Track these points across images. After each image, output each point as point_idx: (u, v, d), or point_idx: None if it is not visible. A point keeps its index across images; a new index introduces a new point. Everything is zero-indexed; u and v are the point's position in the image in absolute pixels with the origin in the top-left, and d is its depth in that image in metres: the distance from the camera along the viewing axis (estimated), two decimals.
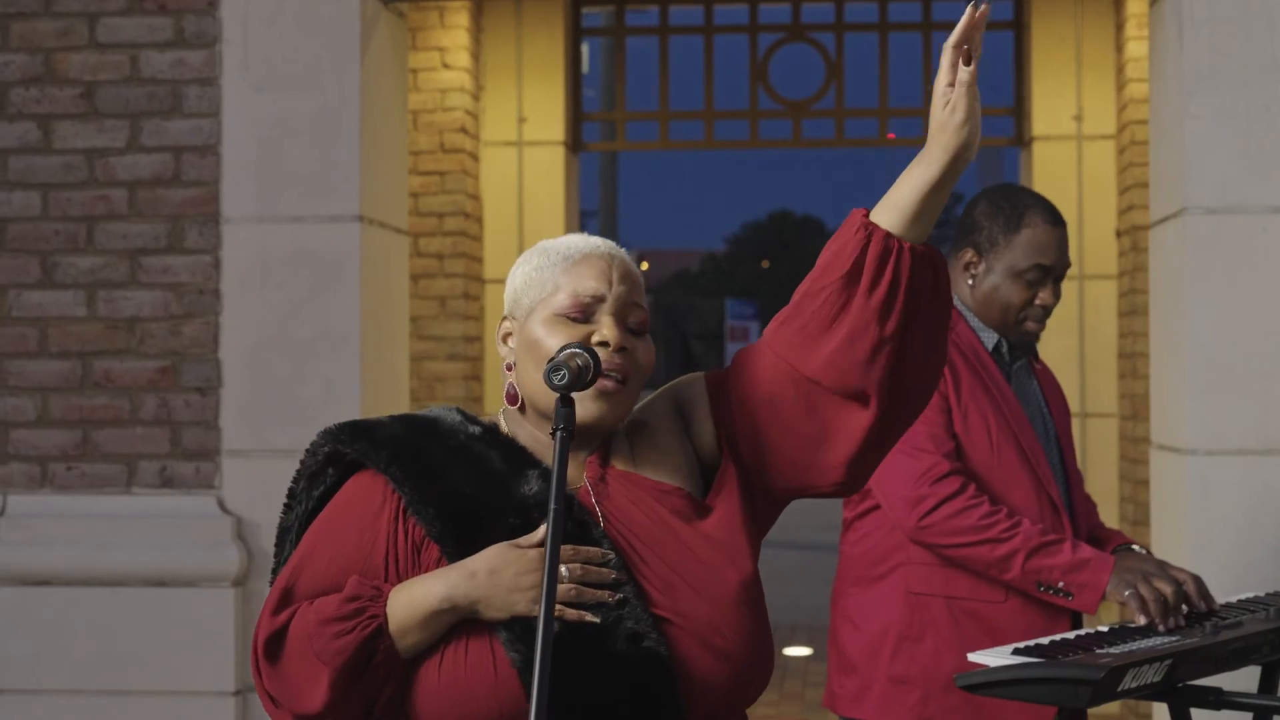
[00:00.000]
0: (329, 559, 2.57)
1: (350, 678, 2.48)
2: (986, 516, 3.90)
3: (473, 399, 8.56)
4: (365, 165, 5.64)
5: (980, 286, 4.14)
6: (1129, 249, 8.17)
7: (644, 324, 2.61)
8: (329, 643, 2.48)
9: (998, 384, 4.09)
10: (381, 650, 2.47)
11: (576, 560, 2.47)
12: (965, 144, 2.43)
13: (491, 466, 2.56)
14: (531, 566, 2.45)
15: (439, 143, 8.38)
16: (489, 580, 2.45)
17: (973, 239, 4.16)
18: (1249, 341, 5.29)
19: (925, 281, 2.46)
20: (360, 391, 5.57)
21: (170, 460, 5.63)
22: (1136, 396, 8.18)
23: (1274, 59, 5.31)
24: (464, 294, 8.47)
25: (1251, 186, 5.30)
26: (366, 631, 2.47)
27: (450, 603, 2.46)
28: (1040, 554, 3.89)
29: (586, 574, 2.46)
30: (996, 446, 4.02)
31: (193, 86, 5.65)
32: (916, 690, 4.02)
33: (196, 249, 5.63)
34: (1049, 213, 4.13)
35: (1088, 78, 8.66)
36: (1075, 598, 3.88)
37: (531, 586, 2.43)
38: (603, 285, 2.58)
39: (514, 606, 2.44)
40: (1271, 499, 5.27)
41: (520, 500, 2.53)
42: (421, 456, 2.57)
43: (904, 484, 3.95)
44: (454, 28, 8.39)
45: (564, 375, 2.44)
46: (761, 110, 9.04)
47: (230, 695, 5.52)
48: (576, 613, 2.44)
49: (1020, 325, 4.14)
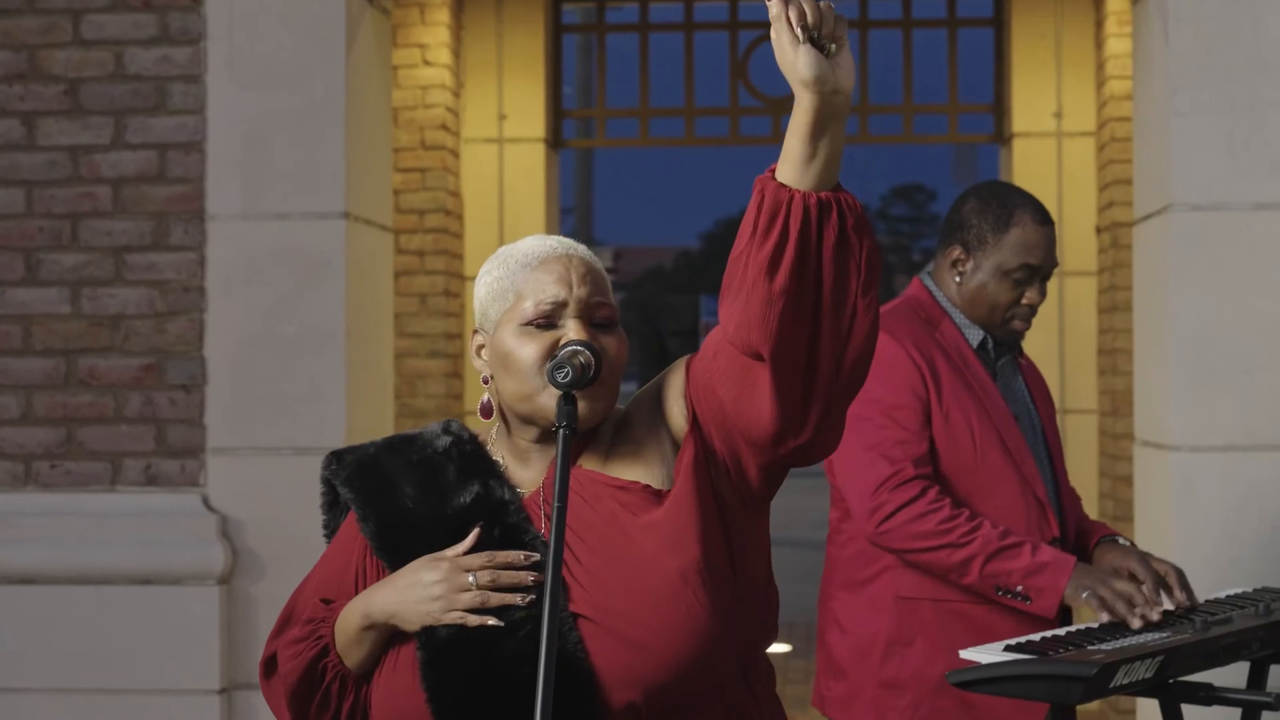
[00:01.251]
0: (318, 583, 2.69)
1: (304, 696, 2.59)
2: (945, 521, 3.90)
3: (453, 396, 8.55)
4: (350, 162, 5.63)
5: (967, 284, 4.14)
6: (1109, 246, 8.19)
7: (611, 318, 2.61)
8: (286, 663, 2.61)
9: (982, 383, 4.09)
10: (330, 669, 2.57)
11: (489, 566, 2.48)
12: (811, 78, 2.22)
13: (442, 479, 2.59)
14: (442, 576, 2.48)
15: (420, 139, 8.37)
16: (403, 593, 2.50)
17: (960, 236, 4.16)
18: (1233, 338, 5.31)
19: (824, 231, 2.27)
20: (346, 389, 5.57)
21: (155, 458, 5.62)
22: (1117, 393, 8.20)
23: (1258, 56, 5.33)
24: (445, 291, 8.46)
25: (1236, 184, 5.32)
26: (314, 651, 2.58)
27: (369, 619, 2.52)
28: (998, 558, 3.89)
29: (497, 579, 2.48)
30: (980, 447, 4.02)
31: (177, 83, 5.64)
32: (908, 694, 4.03)
33: (181, 246, 5.62)
34: (1038, 212, 4.13)
35: (1068, 75, 8.68)
36: (1033, 602, 3.88)
37: (439, 596, 2.47)
38: (563, 290, 2.57)
39: (424, 617, 2.48)
40: (1255, 495, 5.29)
41: (455, 511, 2.56)
42: (378, 473, 2.62)
43: (865, 490, 3.96)
44: (435, 24, 8.38)
45: (568, 373, 2.45)
46: (742, 107, 9.04)
47: (215, 693, 5.51)
48: (479, 619, 2.46)
49: (1007, 324, 4.14)
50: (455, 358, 8.62)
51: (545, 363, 2.53)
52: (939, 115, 9.17)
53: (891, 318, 4.11)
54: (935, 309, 4.16)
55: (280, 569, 5.54)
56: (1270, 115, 5.32)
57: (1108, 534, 4.14)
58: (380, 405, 6.02)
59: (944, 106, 9.08)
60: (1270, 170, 5.31)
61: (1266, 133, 5.32)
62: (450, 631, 2.46)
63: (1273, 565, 5.26)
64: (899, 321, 4.10)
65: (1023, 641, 3.51)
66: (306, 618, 2.61)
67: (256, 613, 5.57)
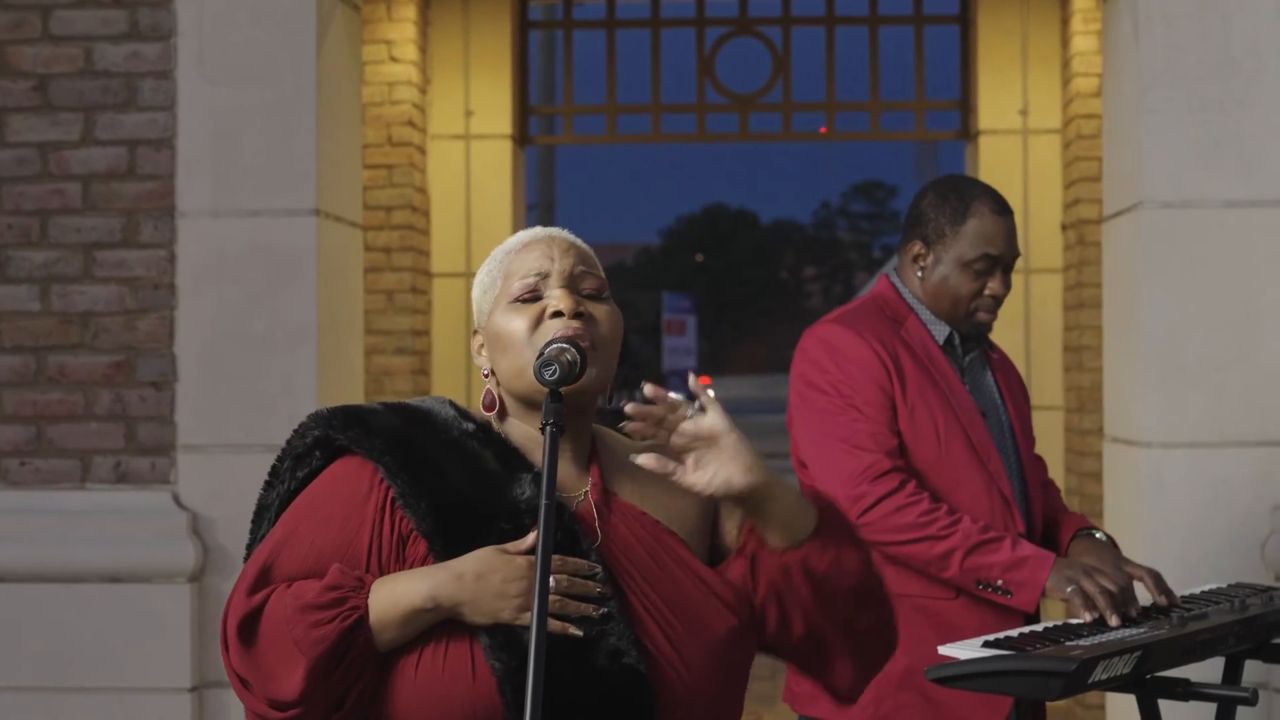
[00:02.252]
0: (310, 542, 2.53)
1: (326, 668, 2.43)
2: (925, 514, 3.91)
3: (420, 393, 8.53)
4: (322, 159, 5.62)
5: (929, 279, 4.13)
6: (1074, 243, 8.23)
7: (600, 289, 2.61)
8: (307, 631, 2.43)
9: (947, 379, 4.08)
10: (360, 643, 2.43)
11: (564, 570, 2.45)
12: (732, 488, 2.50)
13: (485, 466, 2.55)
14: (519, 574, 2.43)
15: (386, 136, 8.36)
16: (475, 584, 2.43)
17: (920, 231, 4.16)
18: (1203, 335, 5.33)
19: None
20: (318, 386, 5.55)
21: (125, 456, 5.60)
22: (1082, 389, 8.23)
23: (1228, 54, 5.35)
24: (412, 288, 8.45)
25: (1206, 181, 5.34)
26: (347, 623, 2.43)
27: (434, 602, 2.43)
28: (979, 551, 3.89)
29: (573, 585, 2.45)
30: (944, 443, 4.02)
31: (147, 80, 5.61)
32: (871, 690, 4.02)
33: (151, 243, 5.60)
34: (995, 202, 4.11)
35: (1033, 72, 8.71)
36: (1014, 596, 3.89)
37: (517, 594, 2.42)
38: (544, 262, 2.59)
39: (499, 613, 2.43)
40: (1225, 491, 5.32)
41: (512, 504, 2.52)
42: (416, 449, 2.55)
43: (843, 482, 3.95)
44: (401, 20, 8.37)
45: (554, 370, 2.44)
46: (709, 104, 9.06)
47: (187, 691, 5.49)
48: (561, 624, 2.42)
49: (971, 316, 4.13)
50: (422, 354, 8.61)
51: (532, 333, 2.54)
52: (905, 112, 9.20)
53: (856, 315, 4.12)
54: (901, 306, 4.16)
55: None
56: (1240, 113, 5.34)
57: (1085, 527, 4.15)
58: (351, 402, 6.00)
59: (910, 103, 9.11)
60: (1240, 168, 5.34)
61: (1236, 131, 5.34)
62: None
63: (1242, 561, 5.29)
64: (863, 318, 4.11)
65: (1001, 637, 3.51)
66: (330, 583, 2.46)
67: None
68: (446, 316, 8.82)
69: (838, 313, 4.21)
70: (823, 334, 4.10)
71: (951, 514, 3.91)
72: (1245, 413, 5.32)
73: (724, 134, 9.38)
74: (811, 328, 4.17)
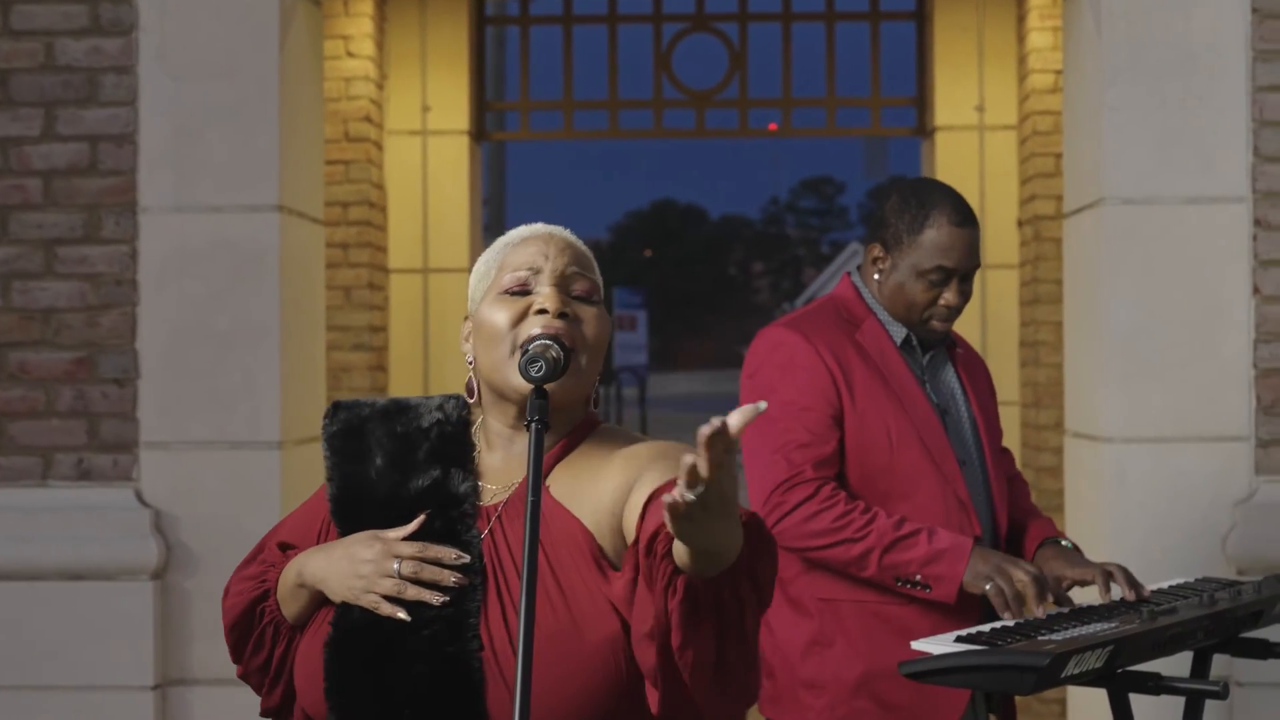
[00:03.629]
0: (289, 527, 2.73)
1: (242, 632, 2.65)
2: (840, 518, 3.90)
3: (378, 389, 8.52)
4: (285, 155, 5.60)
5: (886, 282, 4.11)
6: (1031, 239, 8.26)
7: (589, 292, 2.61)
8: (233, 597, 2.67)
9: (902, 382, 4.06)
10: (267, 614, 2.62)
11: (421, 557, 2.48)
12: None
13: (412, 457, 2.60)
14: (374, 557, 2.48)
15: (343, 131, 8.33)
16: (336, 565, 2.52)
17: (880, 234, 4.13)
18: (1165, 330, 5.37)
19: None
20: (281, 383, 5.54)
21: (87, 453, 5.57)
22: (1039, 384, 8.27)
23: (1189, 51, 5.39)
24: (369, 284, 8.43)
25: (1168, 178, 5.38)
26: (256, 593, 2.63)
27: (302, 579, 2.57)
28: (895, 549, 3.89)
29: (419, 572, 2.47)
30: (896, 448, 4.01)
31: (109, 74, 5.58)
32: (826, 694, 4.03)
33: (113, 239, 5.57)
34: (956, 213, 4.04)
35: (989, 69, 8.74)
36: (934, 589, 3.89)
37: (364, 575, 2.48)
38: (538, 258, 2.60)
39: (346, 592, 2.50)
40: (1187, 486, 5.36)
41: (410, 493, 2.57)
42: (359, 437, 2.64)
43: (763, 493, 3.96)
44: (358, 15, 8.35)
45: (540, 367, 2.45)
46: (666, 99, 9.06)
47: (149, 690, 5.47)
48: (390, 607, 2.46)
49: (925, 323, 4.10)
50: (380, 350, 8.60)
51: (514, 327, 2.55)
52: (861, 108, 9.22)
53: (809, 319, 4.11)
54: (860, 307, 4.15)
55: (214, 563, 5.51)
56: (1201, 110, 5.38)
57: (1051, 535, 4.15)
58: (314, 398, 5.99)
59: (866, 100, 9.14)
60: (1201, 164, 5.37)
61: (1198, 127, 5.38)
62: (362, 614, 2.47)
63: (1204, 555, 5.32)
64: (815, 323, 4.09)
65: (973, 632, 3.53)
66: (261, 558, 2.67)
67: (190, 608, 5.53)
68: (404, 313, 8.80)
69: (793, 315, 4.19)
70: (774, 338, 4.09)
71: (866, 513, 3.90)
72: (1207, 408, 5.36)
73: (681, 130, 9.38)
74: (765, 329, 4.16)
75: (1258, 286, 5.37)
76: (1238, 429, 5.36)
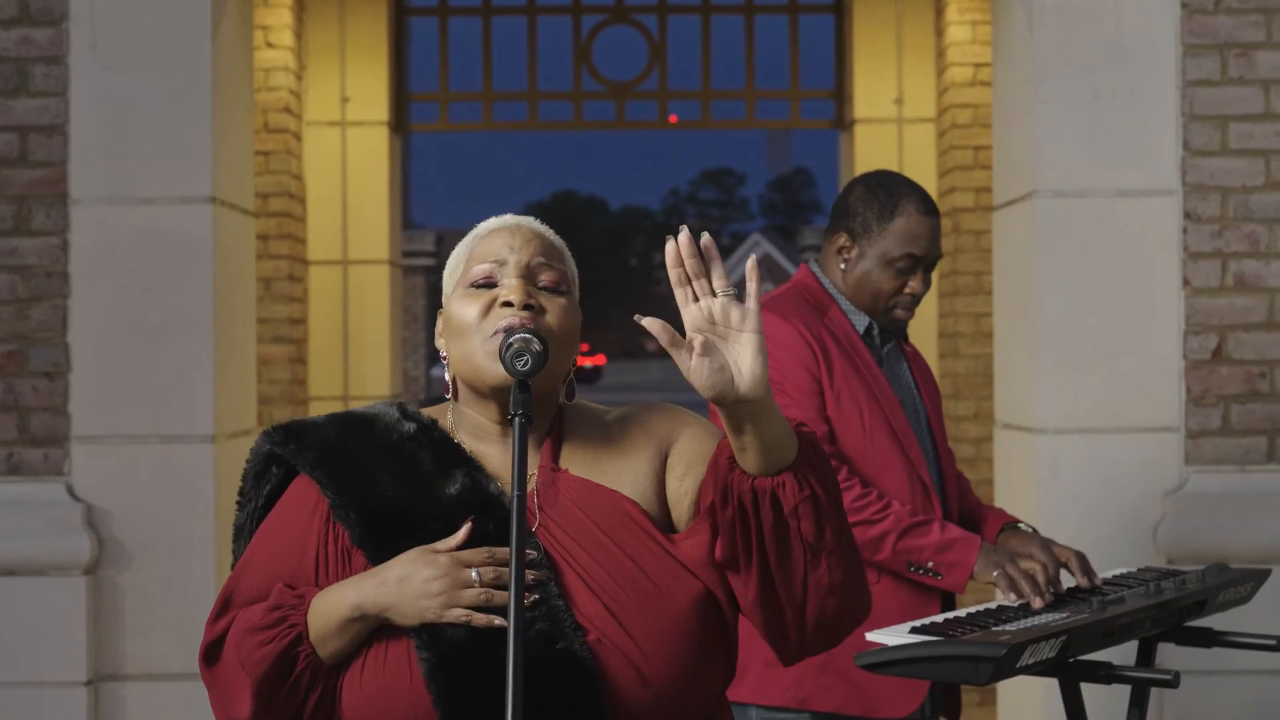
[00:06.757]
0: (264, 564, 2.59)
1: (272, 686, 2.50)
2: (859, 499, 3.96)
3: (297, 382, 8.48)
4: (217, 146, 5.56)
5: (852, 271, 4.18)
6: (950, 231, 8.32)
7: (557, 282, 2.60)
8: (252, 652, 2.51)
9: (869, 368, 4.13)
10: (302, 658, 2.49)
11: (491, 563, 2.46)
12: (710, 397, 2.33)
13: (420, 468, 2.56)
14: (442, 572, 2.44)
15: (263, 122, 8.28)
16: (399, 588, 2.45)
17: (846, 224, 4.20)
18: (1097, 322, 5.42)
19: (760, 515, 2.39)
20: (214, 375, 5.50)
21: (17, 447, 5.51)
22: (958, 375, 8.33)
23: (1120, 45, 5.44)
24: (289, 276, 8.38)
25: (1099, 171, 5.43)
26: (285, 641, 2.49)
27: (360, 611, 2.46)
28: (910, 535, 3.96)
29: (499, 577, 2.45)
30: (869, 430, 4.07)
31: (39, 65, 5.52)
32: (791, 672, 4.06)
33: (44, 231, 5.51)
34: (923, 202, 4.17)
35: (908, 61, 8.79)
36: (944, 577, 3.96)
37: (439, 592, 2.43)
38: (504, 250, 2.60)
39: (423, 614, 2.44)
40: (1119, 476, 5.41)
41: (443, 503, 2.53)
42: (350, 458, 2.58)
43: None
44: (277, 6, 8.29)
45: (527, 361, 2.45)
46: (586, 91, 9.06)
47: (82, 685, 5.42)
48: (485, 618, 2.43)
49: (890, 312, 4.18)
50: (299, 343, 8.55)
51: (482, 320, 2.54)
52: (781, 101, 9.26)
53: (781, 301, 4.15)
54: (822, 295, 4.20)
55: (147, 558, 5.47)
56: (1132, 103, 5.43)
57: (1010, 521, 4.21)
58: (245, 391, 5.96)
59: (785, 92, 9.17)
60: (1133, 158, 5.43)
61: (1129, 121, 5.43)
62: (459, 633, 2.42)
63: (1135, 545, 5.38)
64: (789, 305, 4.14)
65: (927, 623, 3.55)
66: (273, 604, 2.52)
67: (123, 603, 5.48)
68: (323, 305, 8.75)
69: (762, 300, 4.23)
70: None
71: (881, 498, 3.97)
72: (1138, 399, 5.42)
73: (601, 122, 9.38)
74: None
75: (1187, 279, 5.43)
76: (1168, 420, 5.42)
